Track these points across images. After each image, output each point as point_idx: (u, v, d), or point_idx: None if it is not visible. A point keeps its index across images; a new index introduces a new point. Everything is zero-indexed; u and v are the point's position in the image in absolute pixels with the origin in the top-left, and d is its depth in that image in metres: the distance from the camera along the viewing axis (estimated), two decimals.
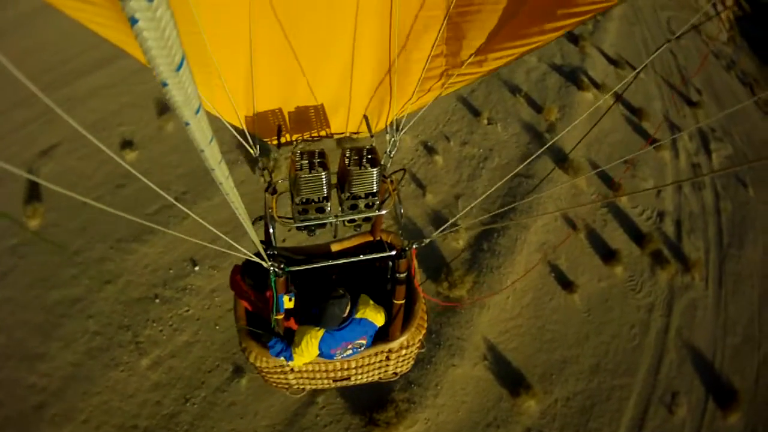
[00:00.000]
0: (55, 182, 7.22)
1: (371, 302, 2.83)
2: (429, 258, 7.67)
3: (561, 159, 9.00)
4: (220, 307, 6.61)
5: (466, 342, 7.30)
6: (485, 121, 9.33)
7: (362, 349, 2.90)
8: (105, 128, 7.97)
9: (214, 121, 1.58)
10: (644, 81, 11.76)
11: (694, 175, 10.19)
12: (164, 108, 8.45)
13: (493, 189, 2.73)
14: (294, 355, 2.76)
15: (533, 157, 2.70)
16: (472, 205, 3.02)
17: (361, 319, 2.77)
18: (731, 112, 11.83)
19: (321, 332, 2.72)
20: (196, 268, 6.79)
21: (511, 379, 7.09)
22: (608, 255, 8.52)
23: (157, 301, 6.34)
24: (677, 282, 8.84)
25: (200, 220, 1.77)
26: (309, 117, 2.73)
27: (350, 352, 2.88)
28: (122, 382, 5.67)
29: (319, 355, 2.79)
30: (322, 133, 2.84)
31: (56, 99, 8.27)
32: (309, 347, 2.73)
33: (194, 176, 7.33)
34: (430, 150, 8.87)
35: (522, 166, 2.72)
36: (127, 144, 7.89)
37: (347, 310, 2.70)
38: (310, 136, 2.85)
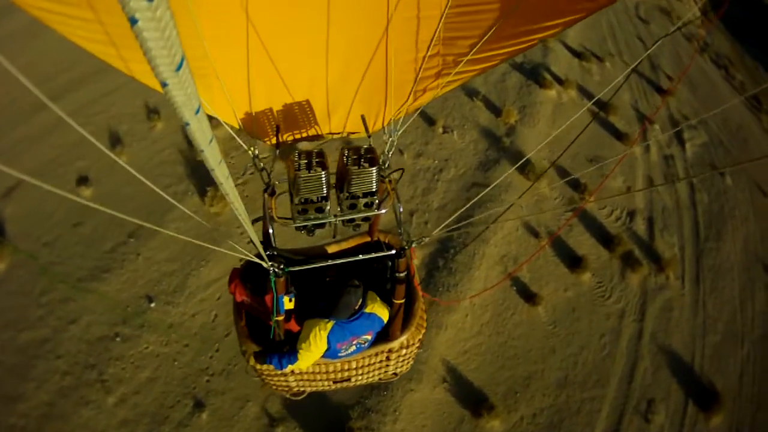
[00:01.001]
0: (17, 224, 7.22)
1: (378, 298, 2.88)
2: None
3: (521, 164, 8.68)
4: (178, 342, 6.61)
5: (424, 365, 7.12)
6: (440, 130, 9.08)
7: (366, 345, 2.93)
8: (63, 164, 7.90)
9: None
10: (610, 71, 11.36)
11: (666, 166, 9.79)
12: (117, 139, 8.38)
13: (492, 188, 2.57)
14: (300, 352, 2.75)
15: (524, 160, 2.55)
16: (482, 194, 3.03)
17: (370, 313, 2.82)
18: (718, 111, 11.38)
19: (331, 324, 2.74)
20: (152, 305, 6.81)
21: (473, 399, 6.91)
22: (574, 262, 8.25)
23: (118, 339, 6.44)
24: (650, 283, 8.53)
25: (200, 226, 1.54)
26: (306, 117, 2.75)
27: (354, 348, 2.90)
28: (93, 420, 5.85)
29: (325, 351, 2.80)
30: (320, 133, 2.87)
31: (14, 138, 8.22)
32: (318, 340, 2.73)
33: (148, 209, 7.22)
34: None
35: (514, 168, 2.68)
36: (83, 180, 7.76)
37: (359, 303, 2.75)
38: (308, 137, 2.88)
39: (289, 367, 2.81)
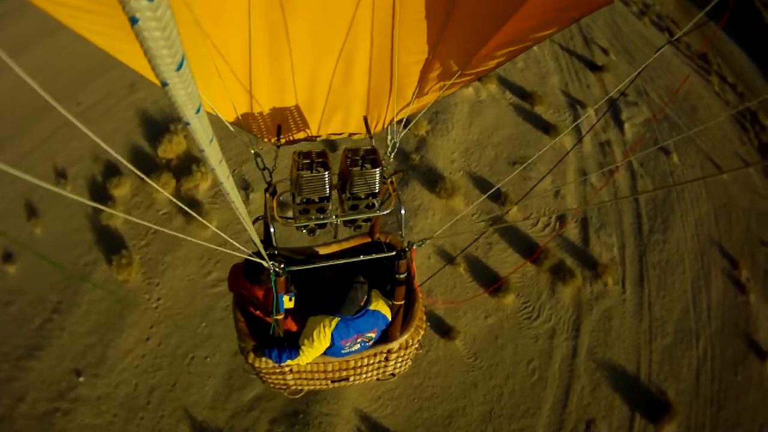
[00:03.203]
0: None
1: (382, 296, 2.93)
2: None
3: (431, 180, 7.98)
4: (107, 413, 6.59)
5: (335, 417, 6.79)
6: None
7: (370, 344, 2.98)
8: None
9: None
10: (537, 54, 10.31)
11: (603, 155, 8.93)
12: (32, 210, 8.02)
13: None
14: (302, 348, 2.78)
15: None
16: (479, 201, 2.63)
17: (375, 310, 2.86)
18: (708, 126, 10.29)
19: (336, 321, 2.77)
20: (81, 379, 6.74)
21: None
22: (495, 284, 7.61)
23: (59, 414, 6.46)
24: (585, 294, 7.93)
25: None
26: (308, 117, 2.77)
27: (358, 347, 2.94)
28: None
29: (329, 348, 2.82)
30: (322, 133, 2.89)
31: None
32: (321, 336, 2.75)
33: (66, 282, 7.11)
34: (281, 206, 8.03)
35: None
36: (7, 257, 7.47)
37: (365, 299, 2.79)
38: (309, 137, 2.90)
39: (289, 362, 2.83)
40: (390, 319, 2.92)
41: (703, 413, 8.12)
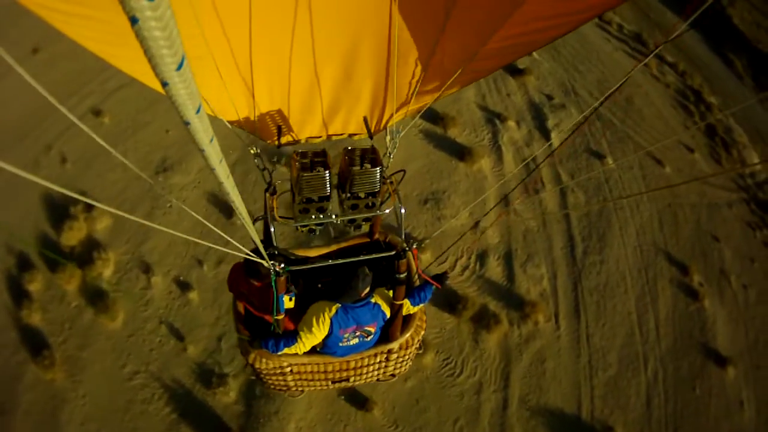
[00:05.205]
0: None
1: (384, 293, 2.96)
2: (200, 419, 6.68)
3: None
4: None
5: None
6: (239, 221, 7.69)
7: (370, 341, 3.00)
8: None
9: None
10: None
11: (527, 174, 8.12)
12: None
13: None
14: (300, 333, 2.80)
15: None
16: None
17: (375, 303, 2.89)
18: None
19: (336, 307, 2.81)
20: None
21: None
22: None
23: None
24: (513, 339, 7.38)
25: None
26: (309, 118, 2.79)
27: (357, 341, 2.96)
28: None
29: (326, 338, 2.84)
30: (322, 133, 2.92)
31: None
32: (321, 323, 2.78)
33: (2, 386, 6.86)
34: (183, 286, 7.57)
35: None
36: None
37: (367, 290, 2.83)
38: (310, 137, 2.93)
39: (286, 351, 2.83)
40: (388, 316, 2.96)
41: None
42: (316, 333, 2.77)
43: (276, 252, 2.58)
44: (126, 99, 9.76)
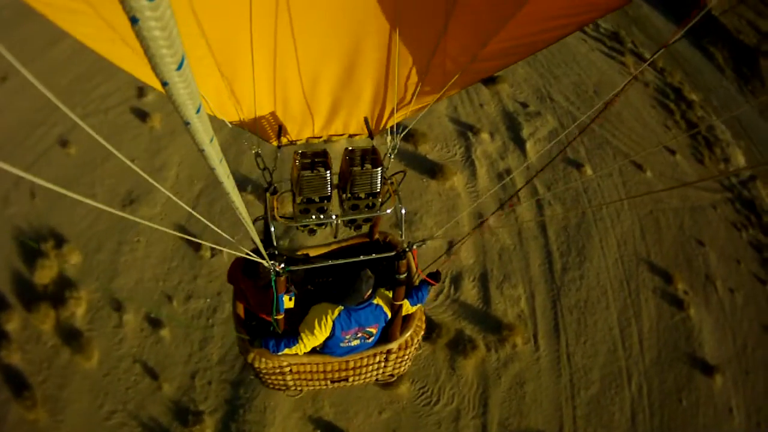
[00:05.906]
0: None
1: (385, 294, 2.98)
2: None
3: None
4: None
5: None
6: (208, 254, 7.52)
7: (371, 342, 3.02)
8: None
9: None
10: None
11: (502, 189, 7.86)
12: None
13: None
14: (301, 335, 2.81)
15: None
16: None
17: (377, 305, 2.91)
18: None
19: (339, 309, 2.83)
20: None
21: None
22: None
23: None
24: (490, 364, 7.22)
25: None
26: (309, 118, 2.79)
27: (357, 342, 2.98)
28: None
29: (328, 339, 2.85)
30: (323, 134, 2.93)
31: None
32: (323, 325, 2.79)
33: None
34: (154, 324, 7.44)
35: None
36: None
37: (370, 292, 2.84)
38: (311, 137, 2.94)
39: (286, 351, 2.84)
40: (389, 317, 2.98)
41: None
42: (318, 335, 2.79)
43: (276, 252, 2.58)
44: (91, 128, 9.53)
